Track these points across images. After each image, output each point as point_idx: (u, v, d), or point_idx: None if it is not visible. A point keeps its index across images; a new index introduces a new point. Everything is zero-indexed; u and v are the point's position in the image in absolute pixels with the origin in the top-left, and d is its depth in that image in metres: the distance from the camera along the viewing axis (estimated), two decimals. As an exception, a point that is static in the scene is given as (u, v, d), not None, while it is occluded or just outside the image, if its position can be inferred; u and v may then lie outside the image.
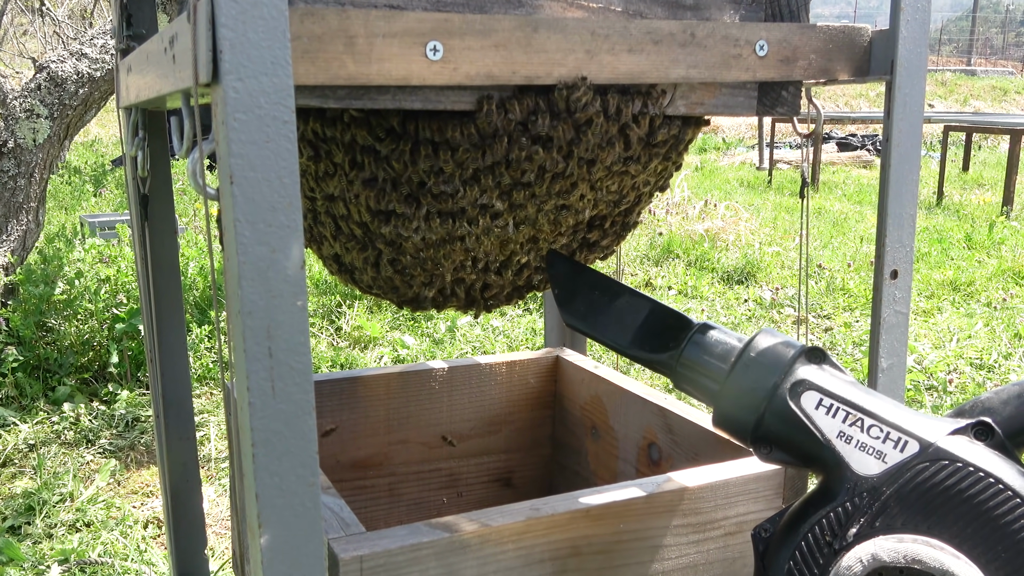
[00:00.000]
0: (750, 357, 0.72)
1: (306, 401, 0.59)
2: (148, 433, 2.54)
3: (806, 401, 0.69)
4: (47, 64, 3.00)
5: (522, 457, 1.30)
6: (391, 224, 0.80)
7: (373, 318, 3.43)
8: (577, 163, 0.78)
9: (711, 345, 0.76)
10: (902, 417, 0.67)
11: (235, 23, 0.55)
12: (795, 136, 11.47)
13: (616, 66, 0.74)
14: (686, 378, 0.77)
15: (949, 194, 7.21)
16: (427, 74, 0.67)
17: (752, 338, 0.74)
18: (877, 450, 0.66)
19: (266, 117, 0.56)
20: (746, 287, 4.20)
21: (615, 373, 1.21)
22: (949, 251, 4.93)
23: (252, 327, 0.57)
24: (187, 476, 1.17)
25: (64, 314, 2.97)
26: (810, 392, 0.69)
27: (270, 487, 0.59)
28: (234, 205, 0.56)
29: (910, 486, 0.64)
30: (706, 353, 0.76)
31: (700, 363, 0.76)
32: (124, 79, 0.99)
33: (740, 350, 0.73)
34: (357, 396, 1.18)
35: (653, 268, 4.50)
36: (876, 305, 0.89)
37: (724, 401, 0.72)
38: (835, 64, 0.85)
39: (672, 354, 0.79)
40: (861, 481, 0.65)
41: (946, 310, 3.83)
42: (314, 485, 0.60)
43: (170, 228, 1.11)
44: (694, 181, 7.61)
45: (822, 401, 0.69)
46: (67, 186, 6.91)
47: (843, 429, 0.67)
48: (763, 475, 0.88)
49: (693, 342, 0.77)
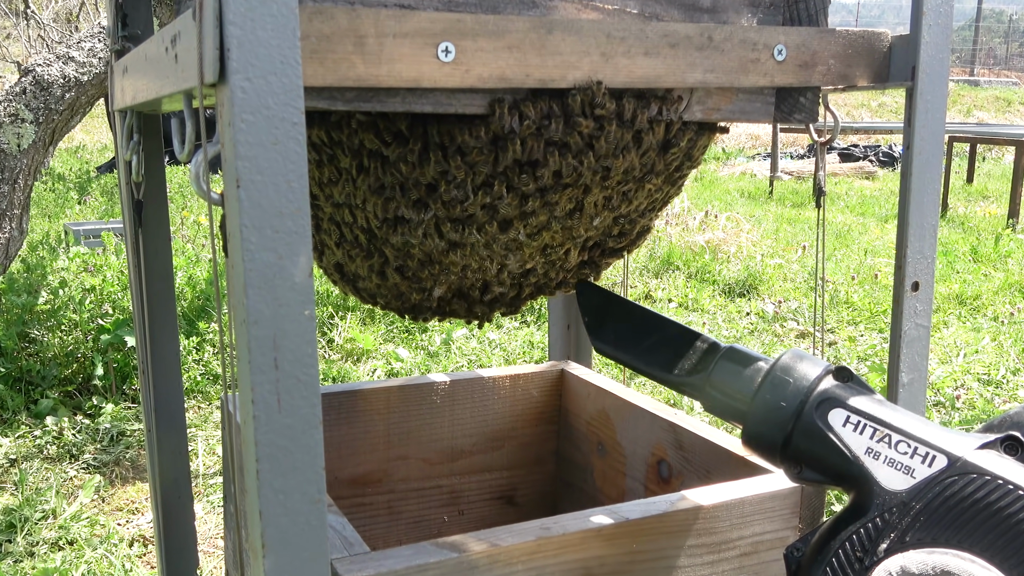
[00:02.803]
0: (777, 376, 0.74)
1: (313, 415, 0.58)
2: (133, 448, 2.52)
3: (833, 418, 0.70)
4: (33, 67, 2.99)
5: (525, 474, 1.29)
6: (398, 231, 0.79)
7: (366, 330, 3.42)
8: (591, 169, 0.77)
9: (739, 366, 0.79)
10: (930, 432, 0.67)
11: (243, 20, 0.54)
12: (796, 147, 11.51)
13: (632, 70, 0.74)
14: (716, 399, 0.79)
15: (954, 206, 7.24)
16: (438, 76, 0.66)
17: (778, 358, 0.76)
18: (905, 465, 0.67)
19: (274, 118, 0.55)
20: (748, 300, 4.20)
21: (622, 387, 1.20)
22: (955, 264, 4.94)
23: (258, 337, 0.56)
24: (179, 492, 1.16)
25: (47, 325, 2.96)
26: (837, 409, 0.70)
27: (275, 505, 0.58)
28: (240, 210, 0.55)
29: (939, 500, 0.65)
30: (734, 374, 0.78)
31: (729, 384, 0.78)
32: (119, 81, 0.98)
33: (767, 370, 0.75)
34: (356, 410, 1.17)
35: (653, 280, 4.50)
36: (896, 318, 0.88)
37: (752, 421, 0.74)
38: (854, 70, 0.85)
39: (701, 376, 0.81)
40: (890, 497, 0.66)
41: (952, 324, 3.83)
42: (320, 503, 0.59)
43: (164, 235, 1.10)
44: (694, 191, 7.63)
45: (849, 418, 0.70)
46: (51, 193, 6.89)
47: (871, 445, 0.68)
48: (779, 494, 0.87)
49: (721, 364, 0.80)
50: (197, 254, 4.01)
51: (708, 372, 0.80)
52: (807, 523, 0.89)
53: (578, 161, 0.76)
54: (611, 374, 3.00)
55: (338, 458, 1.17)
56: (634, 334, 0.88)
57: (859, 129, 9.44)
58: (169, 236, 1.11)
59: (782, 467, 0.73)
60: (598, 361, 3.06)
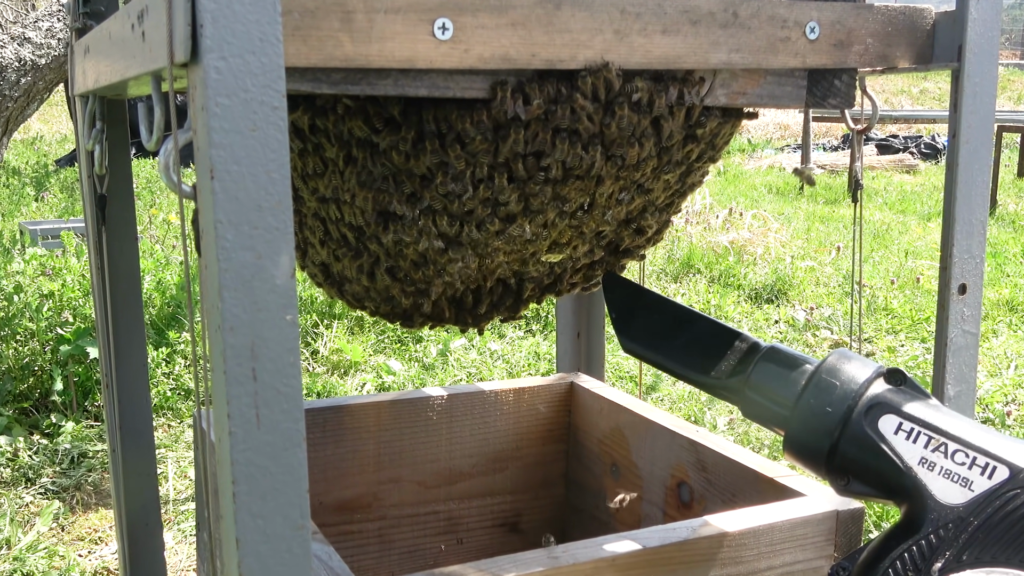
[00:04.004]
0: (823, 379, 0.74)
1: (295, 431, 0.58)
2: (96, 471, 2.52)
3: (884, 425, 0.70)
4: (-15, 50, 3.00)
5: (531, 498, 1.29)
6: (390, 228, 0.79)
7: (354, 340, 3.42)
8: (604, 160, 0.77)
9: (781, 367, 0.79)
10: (990, 441, 0.67)
11: (218, -6, 0.54)
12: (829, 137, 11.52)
13: (649, 49, 0.74)
14: (755, 404, 0.79)
15: (1003, 203, 7.24)
16: (435, 56, 0.66)
17: (825, 359, 0.76)
18: (963, 477, 0.67)
19: (253, 102, 0.55)
20: (777, 306, 4.20)
21: (638, 402, 1.20)
22: (1004, 267, 4.93)
23: (234, 345, 0.56)
24: (147, 519, 1.16)
25: (1, 334, 2.96)
26: (888, 415, 0.70)
27: (253, 531, 0.58)
28: (215, 204, 0.55)
29: (1000, 516, 0.65)
30: (775, 376, 0.78)
31: (769, 387, 0.78)
32: (80, 62, 0.98)
33: (812, 372, 0.75)
34: (343, 428, 1.17)
35: (672, 284, 4.50)
36: (941, 325, 0.88)
37: (795, 426, 0.74)
38: (895, 50, 0.85)
39: (739, 379, 0.81)
40: (946, 511, 0.66)
41: (1002, 333, 3.83)
42: (303, 529, 0.59)
43: (130, 233, 1.10)
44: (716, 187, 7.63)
45: (902, 425, 0.70)
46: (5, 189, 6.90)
47: (925, 455, 0.68)
48: (813, 519, 0.87)
49: (761, 365, 0.80)
50: (167, 256, 4.02)
51: (747, 374, 0.80)
52: (842, 551, 0.89)
53: (589, 150, 0.76)
54: (626, 388, 3.00)
55: (323, 480, 1.17)
56: (666, 331, 0.88)
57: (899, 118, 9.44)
58: (136, 236, 1.11)
59: (827, 479, 0.73)
60: (611, 374, 3.06)
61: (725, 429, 2.73)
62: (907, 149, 10.34)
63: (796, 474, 0.96)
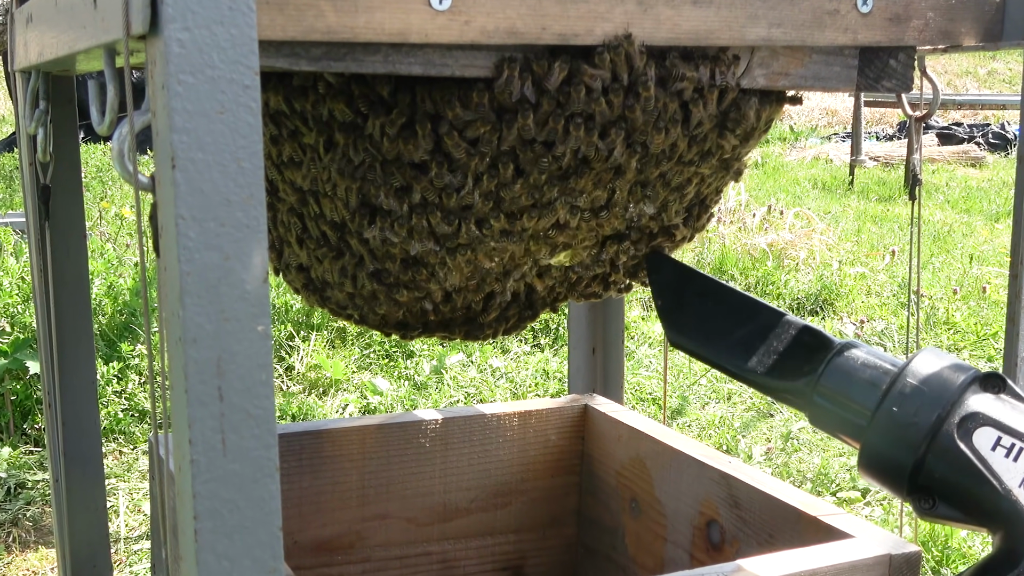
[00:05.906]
0: (908, 384, 0.73)
1: (267, 460, 0.58)
2: (37, 503, 2.52)
3: (980, 440, 0.70)
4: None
5: (538, 538, 1.29)
6: (376, 223, 0.79)
7: (335, 354, 3.43)
8: (624, 149, 0.77)
9: (857, 369, 0.78)
10: None
11: (182, -44, 0.54)
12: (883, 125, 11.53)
13: (677, 22, 0.74)
14: (825, 411, 0.79)
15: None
16: (431, 28, 0.66)
17: (910, 360, 0.75)
18: None
19: (220, 80, 0.56)
20: (822, 319, 4.20)
21: (661, 427, 1.20)
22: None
23: (197, 360, 0.56)
24: (94, 559, 1.16)
25: (-71, 345, 2.96)
26: (985, 428, 0.70)
27: (218, 575, 0.58)
28: (176, 197, 0.55)
29: None
30: (851, 379, 0.78)
31: (843, 392, 0.78)
32: (22, 33, 0.99)
33: (895, 375, 0.75)
34: (322, 456, 1.17)
35: (700, 293, 4.50)
36: (1011, 341, 0.88)
37: (874, 439, 0.74)
38: (959, 25, 0.85)
39: (808, 380, 0.80)
40: None
41: (1084, 352, 3.83)
42: (276, 572, 0.59)
43: (77, 230, 1.10)
44: (754, 181, 7.64)
45: (1001, 440, 0.69)
46: (-66, 179, 6.92)
47: None
48: (861, 564, 0.87)
49: (834, 365, 0.79)
50: (120, 256, 4.02)
51: (816, 375, 0.79)
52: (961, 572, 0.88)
53: (607, 137, 0.76)
54: (647, 411, 3.00)
55: (299, 516, 1.17)
56: (721, 323, 0.87)
57: (963, 103, 9.42)
58: (84, 233, 1.11)
59: (909, 500, 0.72)
60: (631, 395, 3.06)
61: (761, 460, 2.73)
62: (972, 139, 10.35)
63: (843, 512, 0.96)
